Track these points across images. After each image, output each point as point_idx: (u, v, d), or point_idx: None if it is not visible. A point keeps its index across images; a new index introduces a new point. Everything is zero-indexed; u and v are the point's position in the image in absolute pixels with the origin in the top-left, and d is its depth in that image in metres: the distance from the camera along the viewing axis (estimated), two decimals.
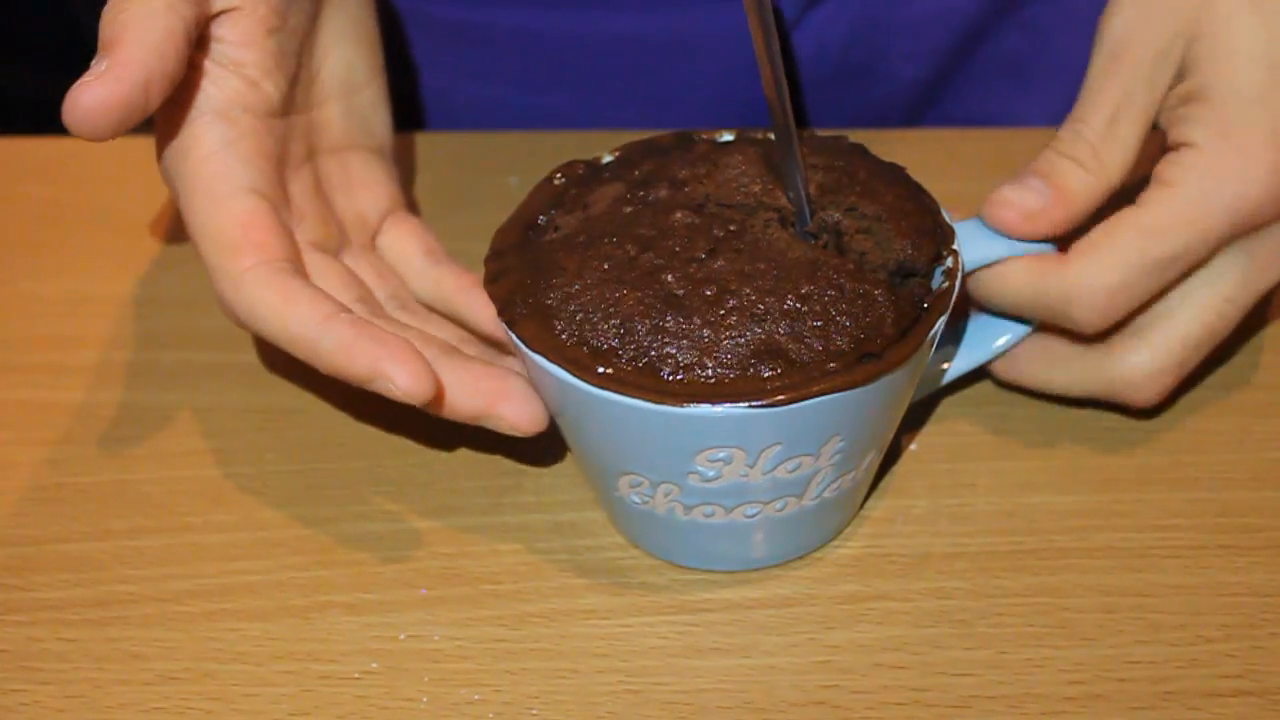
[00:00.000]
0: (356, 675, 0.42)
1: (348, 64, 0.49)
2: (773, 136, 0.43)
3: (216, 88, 0.44)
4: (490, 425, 0.43)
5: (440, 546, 0.45)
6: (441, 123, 0.67)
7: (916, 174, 0.45)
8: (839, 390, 0.38)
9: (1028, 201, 0.44)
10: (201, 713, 0.41)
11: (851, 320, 0.39)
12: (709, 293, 0.40)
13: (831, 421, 0.39)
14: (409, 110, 0.68)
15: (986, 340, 0.48)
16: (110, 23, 0.41)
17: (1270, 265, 0.45)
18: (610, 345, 0.39)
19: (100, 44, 0.41)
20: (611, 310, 0.40)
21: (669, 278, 0.40)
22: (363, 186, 0.50)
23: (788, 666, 0.42)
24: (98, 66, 0.40)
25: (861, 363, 0.39)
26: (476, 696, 0.41)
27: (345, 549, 0.45)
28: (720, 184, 0.43)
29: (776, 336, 0.39)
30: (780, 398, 0.38)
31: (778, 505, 0.41)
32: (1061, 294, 0.43)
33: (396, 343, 0.41)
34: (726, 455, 0.39)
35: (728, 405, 0.38)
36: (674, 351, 0.39)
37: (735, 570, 0.44)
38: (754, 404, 0.38)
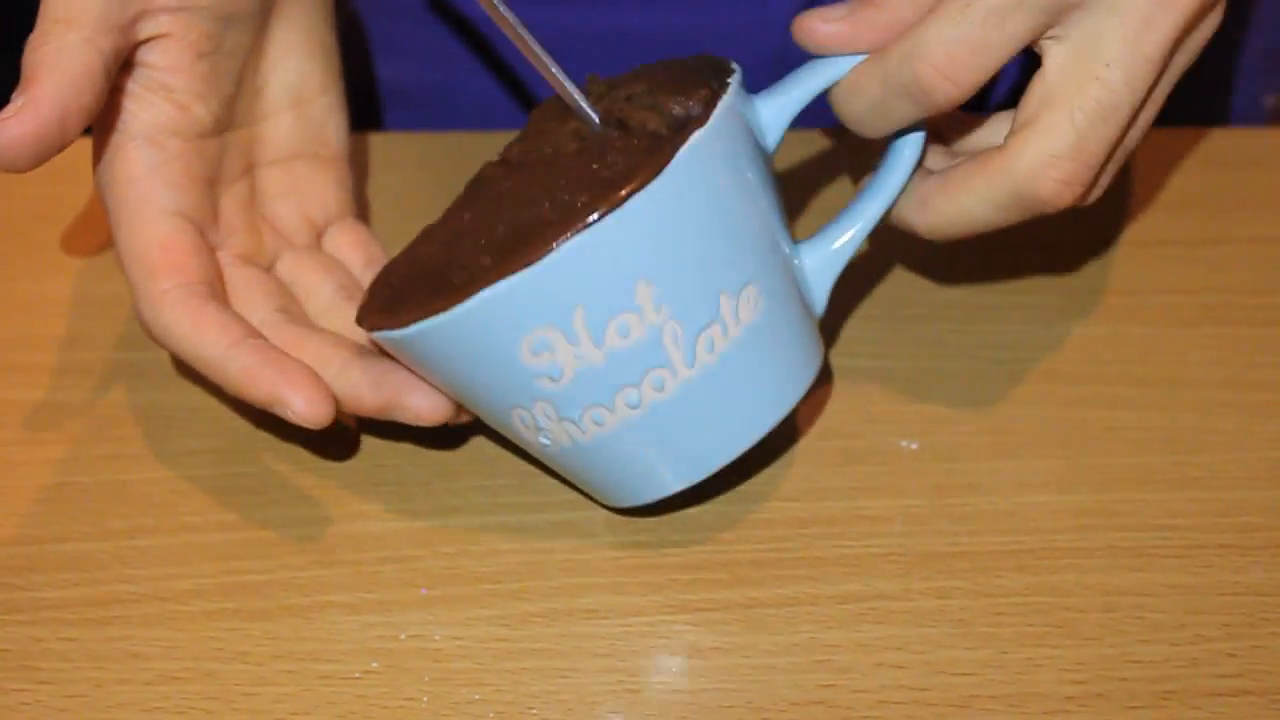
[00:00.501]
0: (357, 675, 0.42)
1: (299, 75, 0.50)
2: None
3: (146, 112, 0.45)
4: (398, 417, 0.44)
5: (440, 546, 0.45)
6: (457, 119, 0.67)
7: None
8: (582, 228, 0.38)
9: (834, 12, 0.43)
10: (202, 712, 0.41)
11: (611, 174, 0.39)
12: (490, 209, 0.41)
13: (611, 266, 0.39)
14: (423, 107, 0.68)
15: (890, 175, 0.46)
16: (28, 58, 0.42)
17: (1150, 21, 0.42)
18: (414, 294, 0.40)
19: (21, 79, 0.42)
20: (415, 267, 0.41)
21: (465, 217, 0.41)
22: (310, 193, 0.50)
23: (788, 666, 0.42)
24: (15, 102, 0.42)
25: (600, 198, 0.38)
26: (477, 696, 0.41)
27: (345, 549, 0.45)
28: (528, 136, 0.44)
29: (540, 215, 0.39)
30: (535, 256, 0.38)
31: (654, 384, 0.40)
32: (904, 59, 0.41)
33: (297, 370, 0.43)
34: (542, 340, 0.39)
35: (496, 284, 0.38)
36: (460, 273, 0.39)
37: (692, 483, 0.43)
38: (516, 273, 0.38)
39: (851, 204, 0.46)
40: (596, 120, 0.42)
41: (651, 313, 0.39)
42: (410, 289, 0.41)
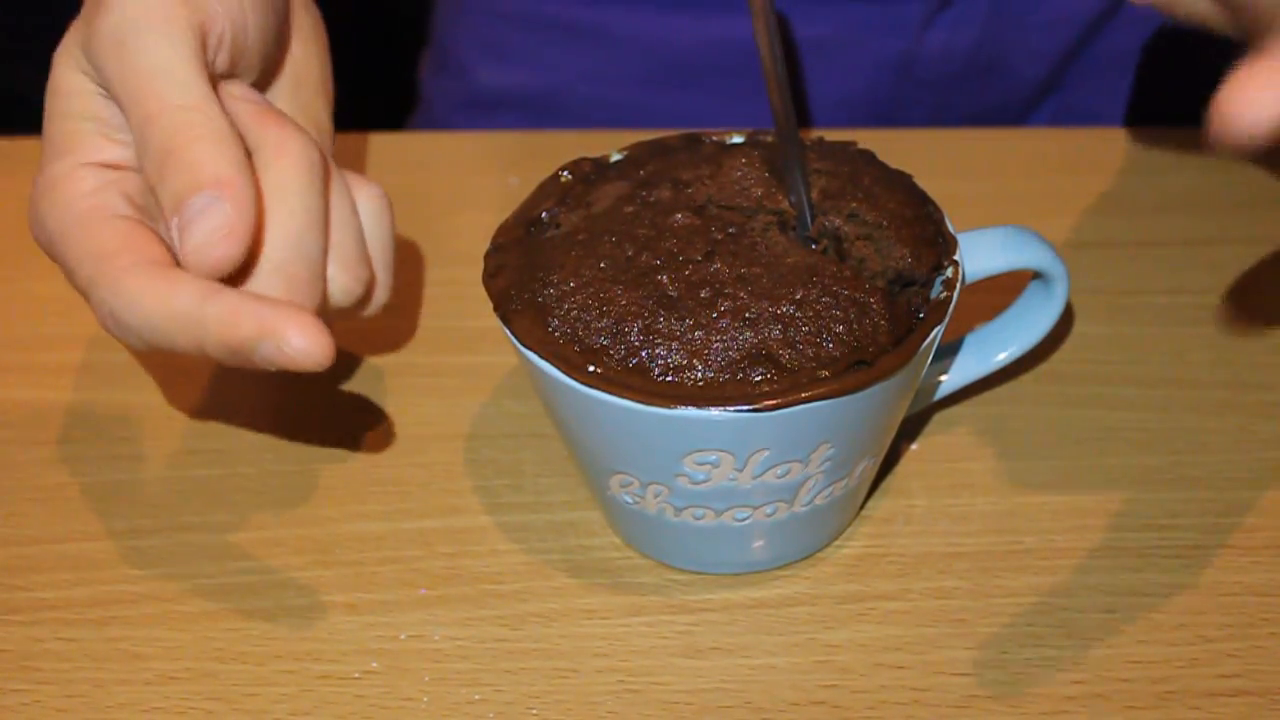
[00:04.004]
0: (356, 675, 0.42)
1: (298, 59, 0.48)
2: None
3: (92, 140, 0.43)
4: (265, 355, 0.39)
5: (440, 546, 0.45)
6: (563, 126, 0.67)
7: (919, 174, 0.45)
8: (828, 397, 0.38)
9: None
10: (202, 713, 0.41)
11: (845, 327, 0.39)
12: (703, 295, 0.40)
13: (821, 428, 0.39)
14: (530, 113, 0.68)
15: (987, 354, 0.47)
16: (191, 152, 0.40)
17: None
18: (602, 344, 0.39)
19: (201, 175, 0.40)
20: (605, 309, 0.40)
21: (664, 278, 0.40)
22: None
23: (788, 666, 0.42)
24: (218, 209, 0.39)
25: (852, 370, 0.39)
26: (477, 696, 0.41)
27: (345, 549, 0.45)
28: (723, 186, 0.43)
29: (768, 341, 0.39)
30: (768, 403, 0.38)
31: (768, 510, 0.41)
32: None
33: (288, 306, 0.39)
34: (715, 458, 0.39)
35: (716, 408, 0.38)
36: (664, 353, 0.39)
37: (729, 574, 0.44)
38: (742, 408, 0.38)
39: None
40: (809, 221, 0.41)
41: (814, 465, 0.40)
42: (596, 338, 0.40)
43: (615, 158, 0.45)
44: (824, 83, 0.64)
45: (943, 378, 0.47)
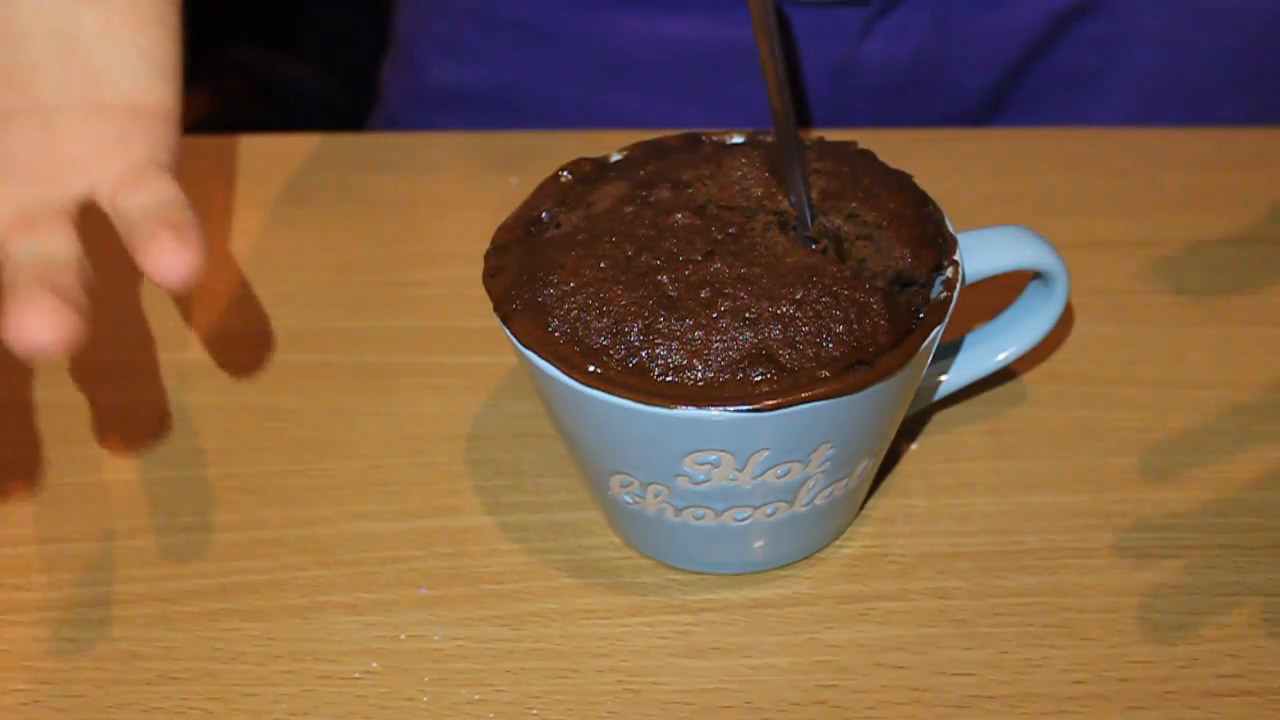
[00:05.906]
0: (356, 675, 0.42)
1: (68, 16, 0.45)
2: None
3: None
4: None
5: (440, 546, 0.45)
6: (516, 122, 0.68)
7: (918, 174, 0.45)
8: (828, 397, 0.38)
9: None
10: (201, 713, 0.41)
11: (845, 327, 0.39)
12: (703, 295, 0.40)
13: (821, 428, 0.39)
14: (482, 109, 0.68)
15: (987, 354, 0.47)
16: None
17: None
18: (602, 344, 0.39)
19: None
20: (605, 309, 0.40)
21: (664, 278, 0.40)
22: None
23: (788, 666, 0.42)
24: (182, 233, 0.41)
25: (852, 370, 0.39)
26: (477, 696, 0.41)
27: (345, 549, 0.45)
28: (723, 186, 0.43)
29: (768, 341, 0.39)
30: (769, 403, 0.38)
31: (768, 510, 0.41)
32: None
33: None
34: (715, 459, 0.39)
35: (716, 408, 0.38)
36: (664, 353, 0.39)
37: (729, 574, 0.44)
38: (742, 408, 0.38)
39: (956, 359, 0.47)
40: (809, 221, 0.41)
41: (814, 465, 0.40)
42: (596, 338, 0.40)
43: (615, 158, 0.45)
44: (761, 87, 0.64)
45: (943, 378, 0.47)
